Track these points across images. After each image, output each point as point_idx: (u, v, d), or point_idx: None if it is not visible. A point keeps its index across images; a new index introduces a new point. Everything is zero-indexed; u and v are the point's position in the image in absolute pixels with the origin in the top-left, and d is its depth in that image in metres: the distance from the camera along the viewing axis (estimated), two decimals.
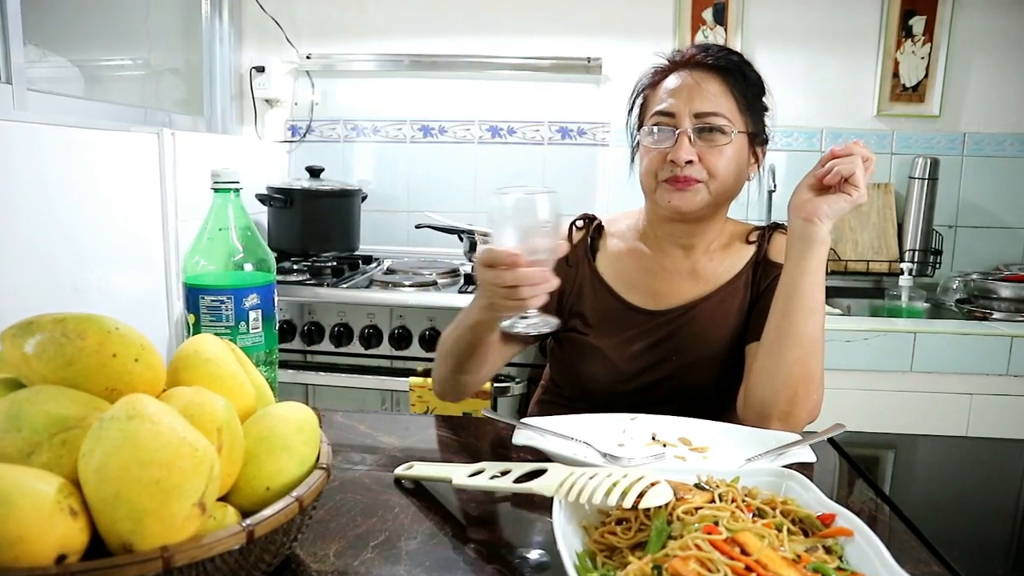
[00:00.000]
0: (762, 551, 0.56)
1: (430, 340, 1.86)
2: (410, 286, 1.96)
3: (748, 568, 0.54)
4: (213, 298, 0.84)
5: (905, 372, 1.81)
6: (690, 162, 1.10)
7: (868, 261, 2.37)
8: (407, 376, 1.86)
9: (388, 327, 1.90)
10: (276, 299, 0.91)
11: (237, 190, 0.88)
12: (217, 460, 0.54)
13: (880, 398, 1.83)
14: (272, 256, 0.91)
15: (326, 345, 1.92)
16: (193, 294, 0.86)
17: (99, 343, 0.60)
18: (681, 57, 1.17)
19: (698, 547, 0.56)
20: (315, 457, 0.66)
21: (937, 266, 2.35)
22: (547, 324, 0.94)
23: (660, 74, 1.18)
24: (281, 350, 1.93)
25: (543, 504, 0.68)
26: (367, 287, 1.99)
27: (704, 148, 1.11)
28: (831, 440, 1.01)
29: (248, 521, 0.54)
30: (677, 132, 1.11)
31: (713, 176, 1.11)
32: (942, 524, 0.85)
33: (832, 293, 2.28)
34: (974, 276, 2.15)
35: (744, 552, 0.56)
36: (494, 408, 1.80)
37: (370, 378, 1.91)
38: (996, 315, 1.98)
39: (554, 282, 0.90)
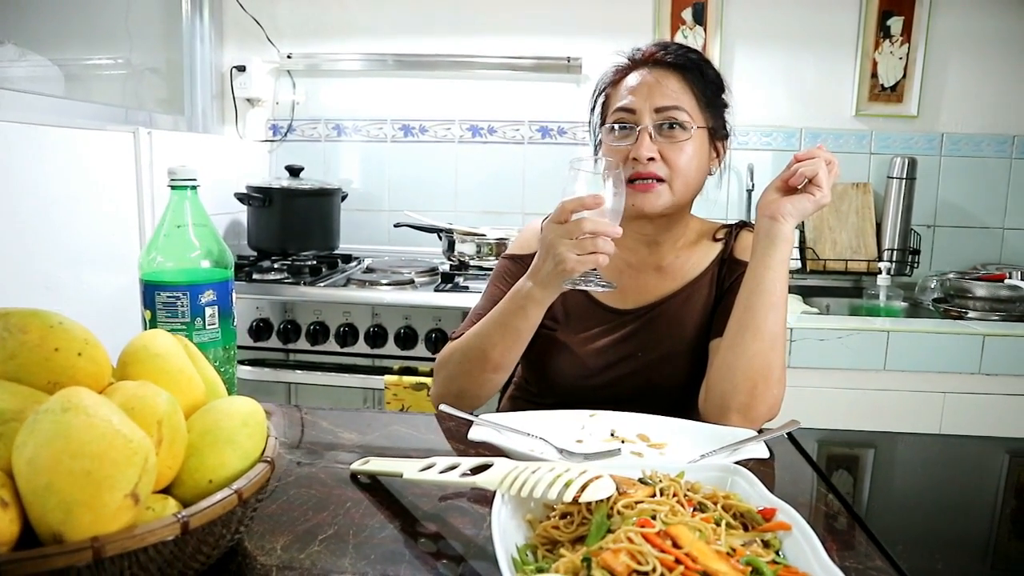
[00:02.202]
0: (693, 544, 0.57)
1: (405, 338, 1.86)
2: (387, 284, 1.97)
3: (678, 561, 0.55)
4: (169, 294, 0.85)
5: (879, 371, 1.82)
6: (652, 159, 1.11)
7: (847, 260, 2.38)
8: (384, 374, 1.86)
9: (364, 325, 1.90)
10: (234, 296, 0.91)
11: (194, 187, 0.88)
12: (153, 452, 0.54)
13: (854, 396, 1.84)
14: (230, 253, 0.91)
15: (302, 343, 1.92)
16: (149, 290, 0.86)
17: (41, 337, 0.60)
18: (642, 56, 1.19)
19: (630, 540, 0.57)
20: (260, 451, 0.66)
21: (915, 265, 2.37)
22: (608, 285, 1.00)
23: (621, 72, 1.20)
24: (261, 348, 1.95)
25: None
26: (344, 285, 2.00)
27: (665, 144, 1.13)
28: (790, 437, 1.01)
29: (183, 512, 0.55)
30: (638, 129, 1.12)
31: (675, 172, 1.13)
32: (893, 520, 0.86)
33: (811, 292, 2.29)
34: (950, 275, 2.16)
35: (676, 545, 0.57)
36: None
37: (348, 376, 1.92)
38: (971, 314, 1.98)
39: (619, 232, 0.96)
